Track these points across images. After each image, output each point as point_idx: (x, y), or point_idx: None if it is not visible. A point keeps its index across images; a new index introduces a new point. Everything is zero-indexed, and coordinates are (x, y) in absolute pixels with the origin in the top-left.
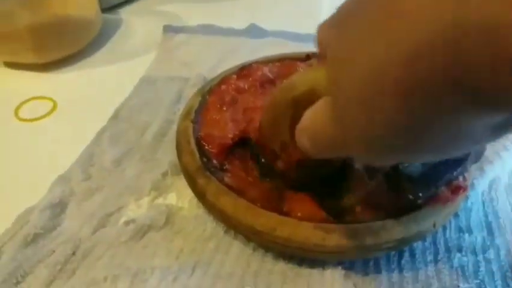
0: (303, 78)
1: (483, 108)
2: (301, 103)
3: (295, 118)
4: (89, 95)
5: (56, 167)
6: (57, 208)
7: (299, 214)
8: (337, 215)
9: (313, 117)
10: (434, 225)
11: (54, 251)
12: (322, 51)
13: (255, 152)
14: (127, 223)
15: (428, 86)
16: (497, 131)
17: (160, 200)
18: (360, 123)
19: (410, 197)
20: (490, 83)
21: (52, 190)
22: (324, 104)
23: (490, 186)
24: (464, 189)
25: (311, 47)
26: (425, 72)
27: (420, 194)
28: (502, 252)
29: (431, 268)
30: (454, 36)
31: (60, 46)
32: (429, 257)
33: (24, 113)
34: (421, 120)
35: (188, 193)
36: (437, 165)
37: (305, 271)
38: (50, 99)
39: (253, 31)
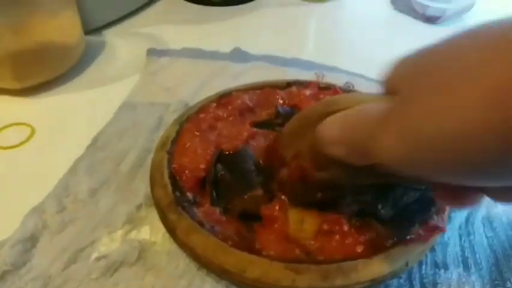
0: (347, 98)
1: None
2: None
3: None
4: (68, 121)
5: (31, 197)
6: (29, 243)
7: (271, 252)
8: None
9: (350, 116)
10: (407, 264)
11: None
12: (389, 87)
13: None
14: (98, 259)
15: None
16: None
17: (133, 234)
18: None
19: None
20: None
21: (24, 223)
22: (375, 107)
23: (467, 220)
24: (441, 229)
25: (295, 72)
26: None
27: (395, 239)
28: None
29: None
30: None
31: (41, 72)
32: None
33: (1, 139)
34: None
35: (162, 227)
36: (410, 207)
37: None
38: (29, 125)
39: (238, 55)
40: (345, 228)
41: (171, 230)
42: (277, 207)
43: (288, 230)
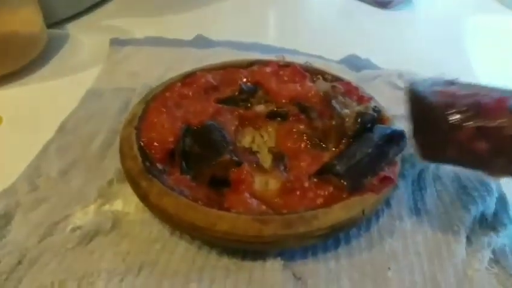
0: None
1: None
2: None
3: None
4: (36, 109)
5: (2, 180)
6: (3, 220)
7: (240, 209)
8: None
9: None
10: (363, 213)
11: (0, 261)
12: None
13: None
14: (73, 230)
15: None
16: None
17: (106, 207)
18: None
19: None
20: None
21: None
22: None
23: (419, 176)
24: (392, 180)
25: (257, 55)
26: None
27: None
28: (428, 235)
29: (365, 254)
30: None
31: (5, 63)
32: (364, 244)
33: None
34: None
35: (134, 199)
36: (362, 161)
37: (247, 264)
38: None
39: (200, 42)
40: (306, 184)
41: (143, 197)
42: (244, 171)
43: (254, 189)
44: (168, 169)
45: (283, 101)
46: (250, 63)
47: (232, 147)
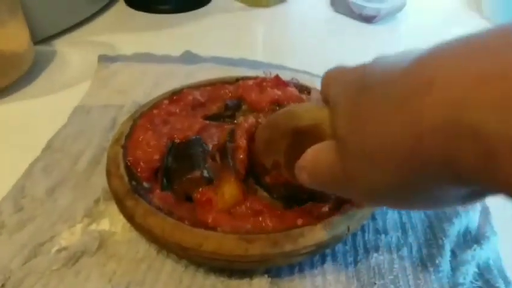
0: (308, 112)
1: (460, 184)
2: (302, 134)
3: (294, 145)
4: (22, 127)
5: None
6: None
7: (225, 228)
8: None
9: (317, 158)
10: (348, 229)
11: None
12: (328, 97)
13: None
14: (59, 251)
15: (427, 163)
16: (464, 200)
17: (93, 227)
18: (366, 176)
19: None
20: (470, 171)
21: None
22: (330, 148)
23: None
24: None
25: (244, 71)
26: (426, 152)
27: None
28: (414, 249)
29: (351, 269)
30: (450, 132)
31: None
32: (350, 259)
33: None
34: (416, 182)
35: (121, 218)
36: None
37: (234, 282)
38: None
39: (188, 58)
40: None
41: (129, 217)
42: (207, 193)
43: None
44: (152, 186)
45: (263, 105)
46: (237, 80)
47: (210, 161)
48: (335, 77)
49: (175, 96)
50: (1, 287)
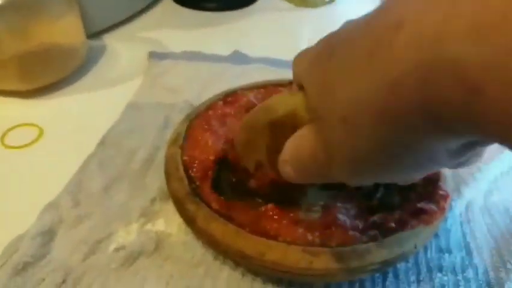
0: (281, 102)
1: (443, 133)
2: (279, 126)
3: (273, 139)
4: (76, 121)
5: (44, 194)
6: (47, 236)
7: (288, 239)
8: None
9: (297, 146)
10: (416, 247)
11: (44, 279)
12: (298, 79)
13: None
14: (117, 250)
15: (404, 113)
16: (454, 156)
17: (148, 226)
18: (345, 144)
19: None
20: (453, 113)
21: (41, 218)
22: (307, 132)
23: (467, 208)
24: (443, 210)
25: (292, 73)
26: (402, 101)
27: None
28: (480, 271)
29: None
30: (426, 72)
31: (46, 73)
32: (412, 277)
33: (10, 140)
34: (396, 140)
35: (176, 219)
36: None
37: None
38: (37, 125)
39: (237, 57)
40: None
41: (190, 220)
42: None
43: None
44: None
45: None
46: (291, 82)
47: None
48: (301, 58)
49: (229, 97)
50: (62, 283)
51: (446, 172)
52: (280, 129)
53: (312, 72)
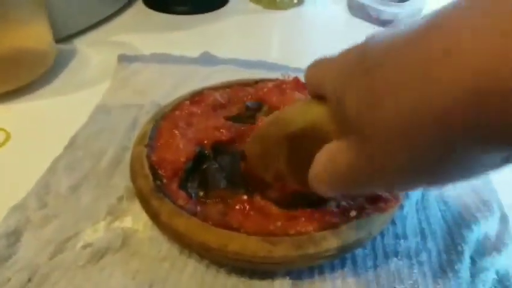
0: (299, 114)
1: (492, 149)
2: (299, 138)
3: (293, 151)
4: (44, 125)
5: (11, 197)
6: (12, 237)
7: (248, 230)
8: None
9: (332, 160)
10: (370, 234)
11: (10, 279)
12: (318, 90)
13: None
14: (84, 247)
15: (455, 133)
16: (503, 163)
17: (116, 224)
18: (392, 158)
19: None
20: (499, 134)
21: (7, 219)
22: (340, 148)
23: (423, 196)
24: (398, 199)
25: (261, 74)
26: (453, 121)
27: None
28: (433, 254)
29: (371, 273)
30: (474, 100)
31: (14, 78)
32: (369, 263)
33: None
34: (442, 155)
35: (143, 216)
36: None
37: (256, 283)
38: (3, 129)
39: (206, 59)
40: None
41: (154, 216)
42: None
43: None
44: (173, 185)
45: None
46: (256, 82)
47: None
48: (324, 72)
49: (196, 97)
50: (28, 282)
51: None
52: (300, 140)
53: (350, 89)
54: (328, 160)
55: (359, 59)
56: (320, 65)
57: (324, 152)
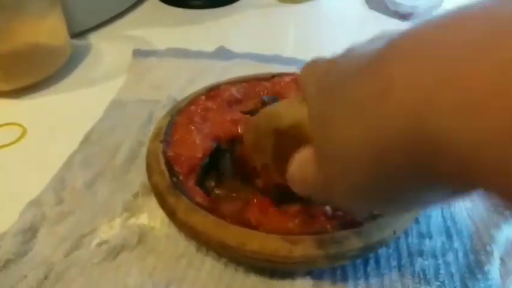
0: (288, 111)
1: (434, 186)
2: (284, 135)
3: (278, 147)
4: (60, 120)
5: (27, 192)
6: (29, 233)
7: (268, 227)
8: None
9: (301, 167)
10: (395, 233)
11: (26, 276)
12: (303, 92)
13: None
14: (100, 244)
15: (396, 168)
16: (451, 196)
17: (132, 221)
18: (338, 180)
19: None
20: (442, 175)
21: (23, 215)
22: (310, 152)
23: None
24: None
25: (278, 68)
26: (394, 158)
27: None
28: (460, 255)
29: (395, 273)
30: (413, 141)
31: (29, 73)
32: (393, 263)
33: None
34: (387, 186)
35: (160, 213)
36: None
37: (276, 283)
38: (20, 125)
39: (222, 53)
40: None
41: (171, 213)
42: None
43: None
44: (189, 182)
45: None
46: (273, 76)
47: None
48: (310, 72)
49: (212, 92)
50: (44, 279)
51: None
52: (285, 138)
53: (313, 100)
54: (299, 165)
55: (326, 73)
56: (310, 66)
57: (299, 155)
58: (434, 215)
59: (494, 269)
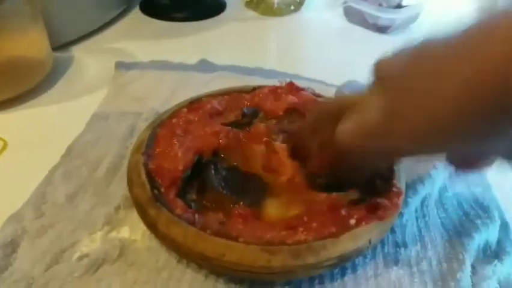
0: (349, 96)
1: None
2: (345, 110)
3: (339, 118)
4: (41, 133)
5: (8, 206)
6: (9, 248)
7: (248, 238)
8: None
9: (358, 117)
10: (370, 242)
11: None
12: (381, 79)
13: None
14: (80, 258)
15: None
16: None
17: (113, 234)
18: (414, 121)
19: None
20: None
21: (3, 230)
22: (369, 102)
23: (422, 203)
24: (397, 207)
25: (259, 80)
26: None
27: None
28: (434, 263)
29: (371, 282)
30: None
31: (10, 86)
32: (370, 272)
33: None
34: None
35: (141, 226)
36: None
37: None
38: (0, 138)
39: (204, 66)
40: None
41: (151, 225)
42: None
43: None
44: (171, 194)
45: (280, 113)
46: (254, 89)
47: None
48: (386, 64)
49: (194, 104)
50: None
51: (400, 171)
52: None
53: (398, 68)
54: (356, 118)
55: (416, 55)
56: (385, 61)
57: (358, 109)
58: (410, 224)
59: (465, 276)
